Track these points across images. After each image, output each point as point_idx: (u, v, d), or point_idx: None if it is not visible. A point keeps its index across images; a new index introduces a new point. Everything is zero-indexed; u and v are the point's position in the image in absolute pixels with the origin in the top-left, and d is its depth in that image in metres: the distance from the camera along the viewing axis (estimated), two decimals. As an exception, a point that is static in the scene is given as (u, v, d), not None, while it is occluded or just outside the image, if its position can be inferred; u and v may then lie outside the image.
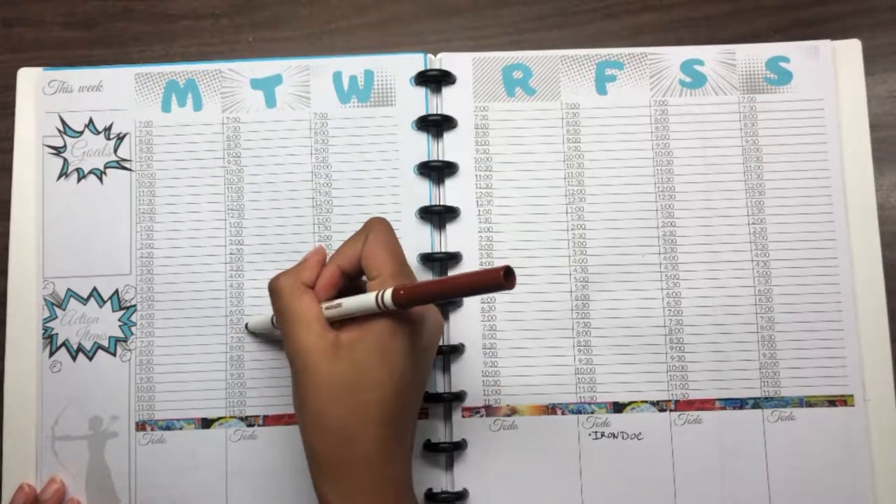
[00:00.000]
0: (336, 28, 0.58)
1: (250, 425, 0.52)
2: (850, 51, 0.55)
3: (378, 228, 0.44)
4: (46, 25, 0.58)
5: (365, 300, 0.41)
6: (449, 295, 0.41)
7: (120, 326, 0.53)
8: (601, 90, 0.55)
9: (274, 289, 0.45)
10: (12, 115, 0.55)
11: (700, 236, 0.53)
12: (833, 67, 0.55)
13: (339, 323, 0.43)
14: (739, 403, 0.52)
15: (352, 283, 0.45)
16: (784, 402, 0.52)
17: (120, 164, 0.54)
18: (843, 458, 0.51)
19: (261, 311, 0.53)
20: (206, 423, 0.52)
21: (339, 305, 0.43)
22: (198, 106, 0.55)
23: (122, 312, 0.53)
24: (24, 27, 0.58)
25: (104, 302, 0.53)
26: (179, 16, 0.58)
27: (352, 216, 0.54)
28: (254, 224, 0.54)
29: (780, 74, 0.55)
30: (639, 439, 0.52)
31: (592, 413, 0.52)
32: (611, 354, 0.53)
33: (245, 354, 0.53)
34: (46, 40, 0.58)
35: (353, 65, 0.55)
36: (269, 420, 0.52)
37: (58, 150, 0.54)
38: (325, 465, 0.42)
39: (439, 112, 0.54)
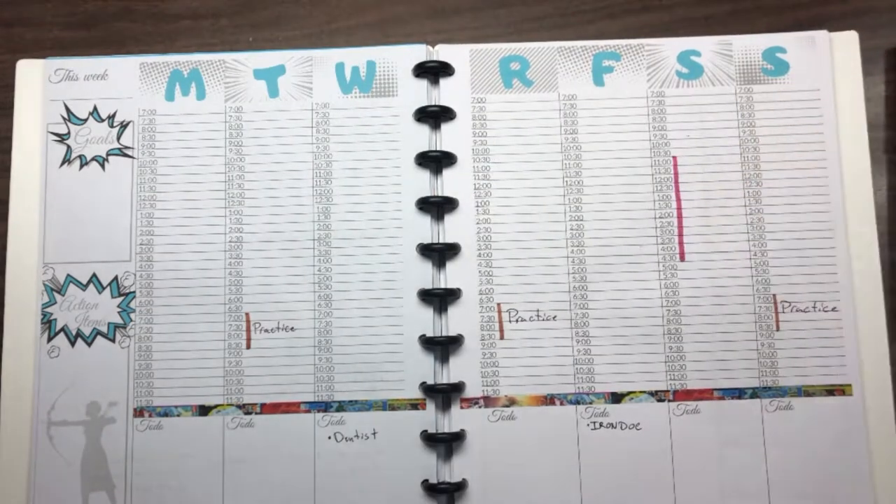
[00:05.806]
0: (336, 28, 0.58)
1: (248, 413, 0.52)
2: (847, 42, 0.55)
3: None
4: (46, 25, 0.58)
5: None
6: None
7: (119, 313, 0.53)
8: (598, 81, 0.55)
9: None
10: (11, 114, 0.55)
11: (697, 227, 0.54)
12: (830, 58, 0.55)
13: None
14: (738, 393, 0.52)
15: None
16: (782, 392, 0.52)
17: (122, 152, 0.55)
18: (842, 447, 0.51)
19: (260, 300, 0.53)
20: (204, 411, 0.52)
21: None
22: (201, 95, 0.55)
23: (121, 299, 0.53)
24: (24, 27, 0.58)
25: (103, 288, 0.53)
26: (179, 16, 0.58)
27: (353, 206, 0.54)
28: (254, 213, 0.54)
29: (776, 65, 0.55)
30: (637, 429, 0.52)
31: (591, 403, 0.52)
32: (609, 345, 0.53)
33: (243, 343, 0.53)
34: (46, 40, 0.58)
35: (355, 56, 0.55)
36: (266, 408, 0.52)
37: (62, 138, 0.55)
38: None
39: (437, 104, 0.55)
